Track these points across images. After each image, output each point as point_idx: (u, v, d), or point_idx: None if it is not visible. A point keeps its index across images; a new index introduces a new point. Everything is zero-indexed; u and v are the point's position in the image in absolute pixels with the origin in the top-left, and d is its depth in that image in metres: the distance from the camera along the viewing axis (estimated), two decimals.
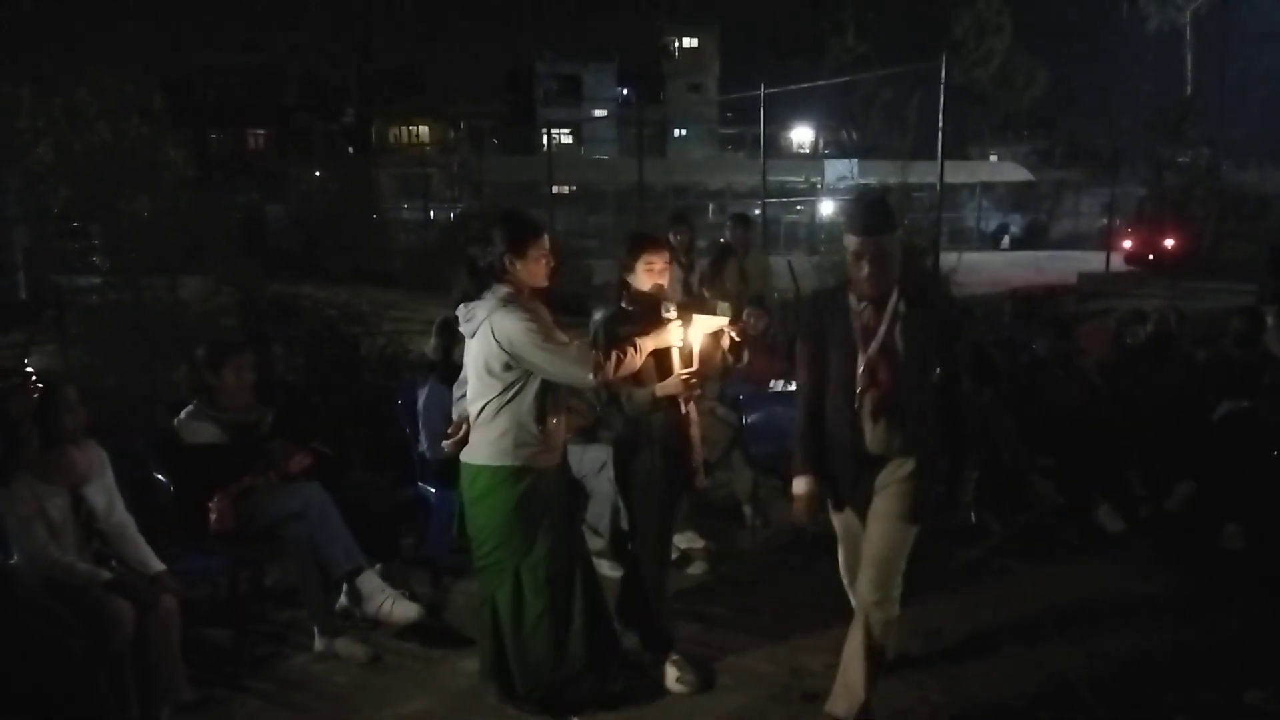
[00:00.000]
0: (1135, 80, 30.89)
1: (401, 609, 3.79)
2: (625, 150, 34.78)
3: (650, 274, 3.32)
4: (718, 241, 7.19)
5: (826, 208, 25.35)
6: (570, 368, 2.92)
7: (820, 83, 16.05)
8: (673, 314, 3.24)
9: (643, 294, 3.32)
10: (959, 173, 28.53)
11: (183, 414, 3.76)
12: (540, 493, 3.03)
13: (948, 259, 10.37)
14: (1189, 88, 27.15)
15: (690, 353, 3.23)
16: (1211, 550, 4.64)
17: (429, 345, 4.56)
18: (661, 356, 3.24)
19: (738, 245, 6.62)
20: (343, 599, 3.92)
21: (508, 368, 2.94)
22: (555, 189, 19.80)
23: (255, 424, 3.83)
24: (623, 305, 3.35)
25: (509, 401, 2.96)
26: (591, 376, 2.95)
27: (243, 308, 6.00)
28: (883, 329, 2.78)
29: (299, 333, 5.71)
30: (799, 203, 28.61)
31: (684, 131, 43.12)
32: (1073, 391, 5.28)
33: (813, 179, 28.07)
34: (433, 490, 4.29)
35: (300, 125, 37.99)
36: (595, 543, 4.38)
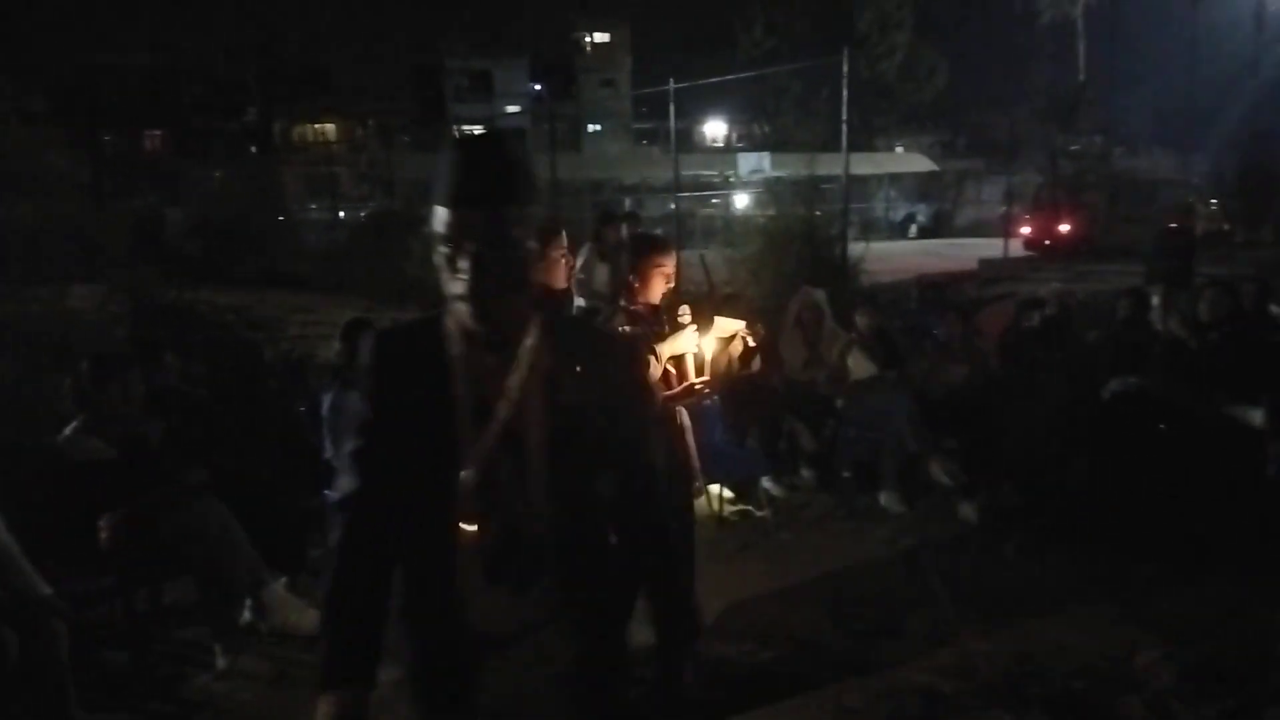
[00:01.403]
0: (1031, 71, 32.08)
1: (309, 620, 3.69)
2: (539, 146, 34.55)
3: (663, 277, 3.18)
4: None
5: (741, 200, 25.69)
6: None
7: (728, 77, 16.19)
8: (688, 318, 3.13)
9: (649, 297, 3.18)
10: (866, 164, 29.17)
11: (67, 430, 3.60)
12: None
13: (855, 248, 10.62)
14: (1081, 77, 28.35)
15: (704, 359, 3.11)
16: (1106, 519, 4.86)
17: (334, 349, 4.46)
18: (671, 362, 3.09)
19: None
20: (247, 614, 3.81)
21: None
22: None
23: (145, 438, 3.69)
24: (622, 304, 3.21)
25: None
26: None
27: (135, 316, 5.77)
28: (511, 394, 1.47)
29: (197, 340, 5.52)
30: (714, 196, 28.90)
31: (598, 127, 43.11)
32: (971, 374, 5.47)
33: (727, 172, 28.36)
34: (339, 498, 4.20)
35: (200, 125, 36.71)
36: None
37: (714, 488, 5.09)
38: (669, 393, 3.11)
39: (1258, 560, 4.07)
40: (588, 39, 44.61)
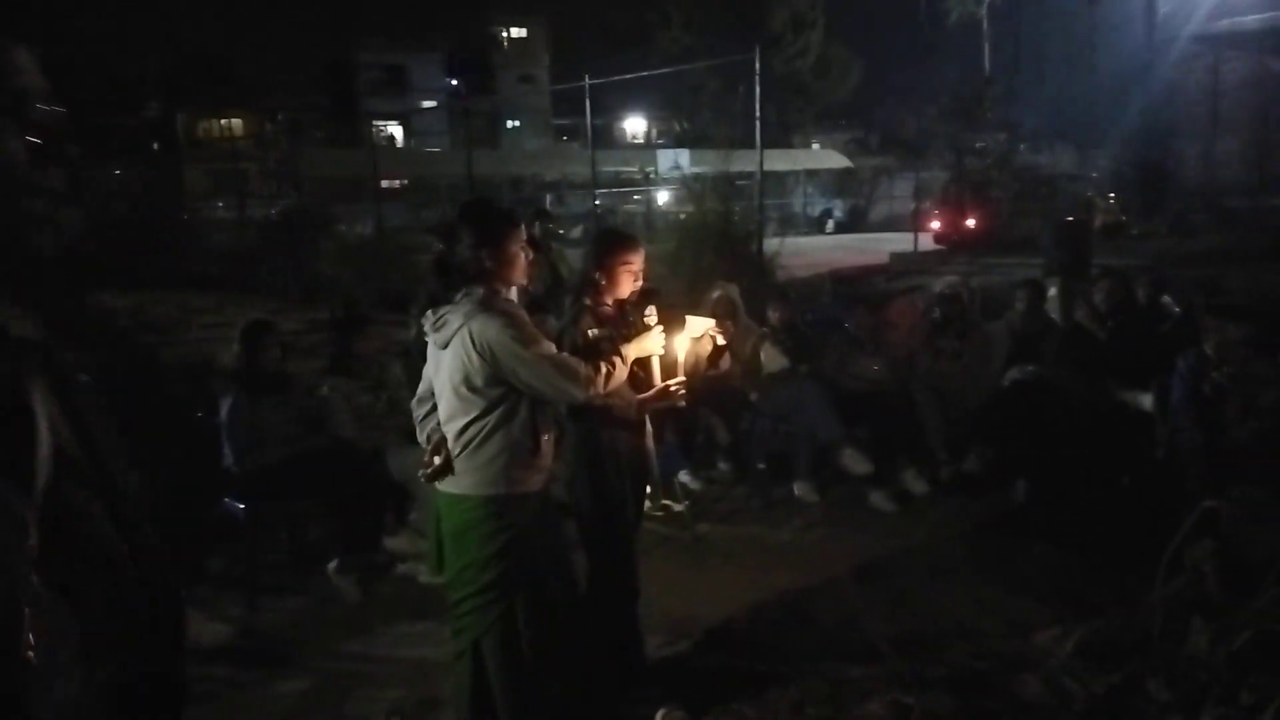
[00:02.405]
0: (939, 71, 33.04)
1: (210, 633, 3.59)
2: (457, 142, 34.16)
3: (631, 275, 3.02)
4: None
5: (662, 196, 25.89)
6: (561, 382, 2.56)
7: (643, 74, 16.17)
8: (654, 318, 3.00)
9: (616, 296, 3.04)
10: (783, 160, 29.68)
11: None
12: (535, 518, 2.71)
13: (771, 244, 10.75)
14: (986, 75, 29.30)
15: (674, 360, 2.98)
16: (1005, 506, 5.04)
17: (231, 352, 4.32)
18: (637, 364, 2.96)
19: (541, 240, 6.68)
20: None
21: (493, 382, 2.55)
22: (385, 183, 19.22)
23: None
24: (586, 302, 3.02)
25: (500, 420, 2.58)
26: (583, 393, 2.62)
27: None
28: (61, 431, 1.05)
29: (85, 346, 5.26)
30: (636, 192, 29.01)
31: (517, 122, 42.78)
32: (880, 364, 5.60)
33: (647, 168, 28.49)
34: (241, 506, 4.08)
35: (99, 121, 35.12)
36: (422, 545, 4.29)
37: None
38: (642, 396, 3.01)
39: (1147, 539, 4.25)
40: (504, 34, 44.22)
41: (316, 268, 13.02)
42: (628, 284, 3.03)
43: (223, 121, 36.65)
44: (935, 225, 19.43)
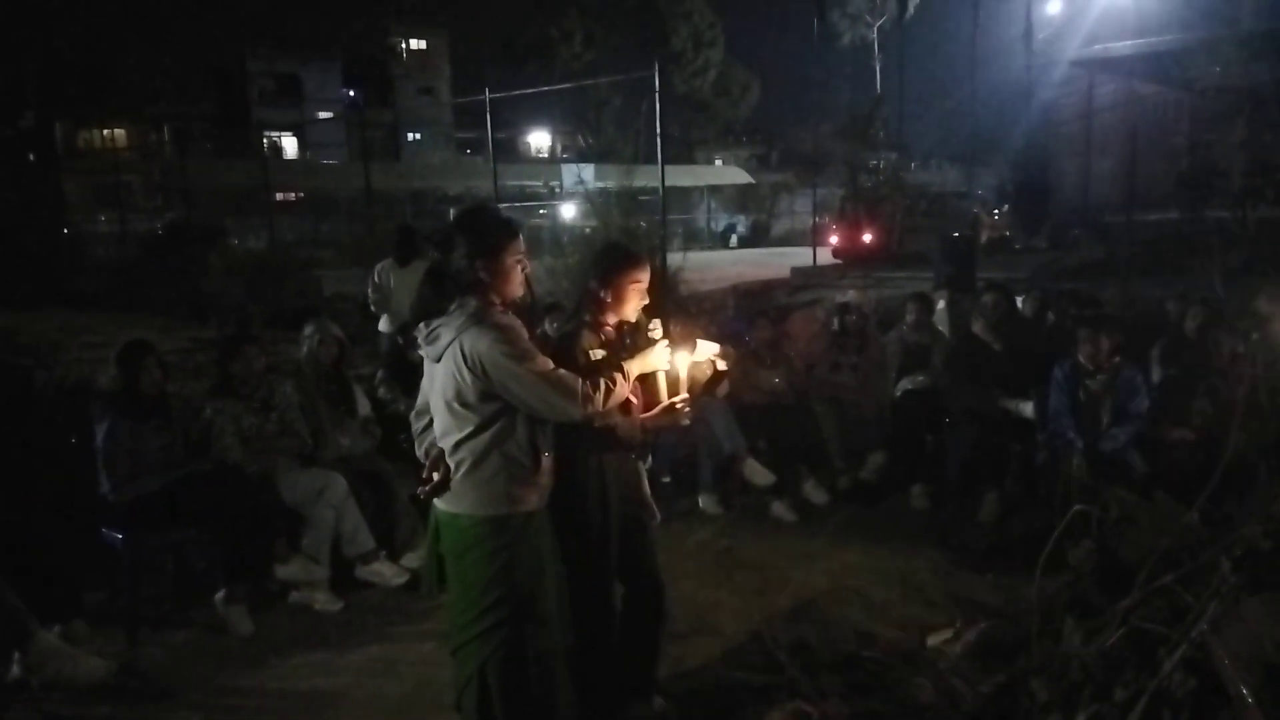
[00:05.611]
0: (834, 90, 34.10)
1: (86, 670, 3.37)
2: (355, 154, 33.45)
3: (639, 294, 2.88)
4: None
5: (567, 211, 25.89)
6: (557, 400, 2.45)
7: (545, 88, 16.20)
8: (658, 333, 2.89)
9: (622, 316, 2.89)
10: (687, 176, 30.10)
11: None
12: (538, 536, 2.62)
13: (674, 258, 10.86)
14: (877, 96, 30.40)
15: (677, 378, 2.85)
16: (901, 510, 5.20)
17: (108, 374, 4.11)
18: (638, 381, 2.82)
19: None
20: (15, 669, 3.43)
21: (486, 398, 2.46)
22: (280, 196, 18.63)
23: None
24: (586, 318, 2.90)
25: (496, 437, 2.50)
26: (581, 411, 2.51)
27: None
28: None
29: None
30: (541, 207, 28.91)
31: (418, 135, 42.16)
32: (780, 377, 5.71)
33: (551, 183, 28.45)
34: (119, 536, 3.87)
35: None
36: (316, 572, 4.16)
37: None
38: (645, 415, 2.85)
39: (1029, 542, 4.44)
40: (403, 45, 43.57)
41: (204, 284, 12.55)
42: (635, 303, 2.90)
43: (105, 131, 34.92)
44: (834, 240, 20.01)
